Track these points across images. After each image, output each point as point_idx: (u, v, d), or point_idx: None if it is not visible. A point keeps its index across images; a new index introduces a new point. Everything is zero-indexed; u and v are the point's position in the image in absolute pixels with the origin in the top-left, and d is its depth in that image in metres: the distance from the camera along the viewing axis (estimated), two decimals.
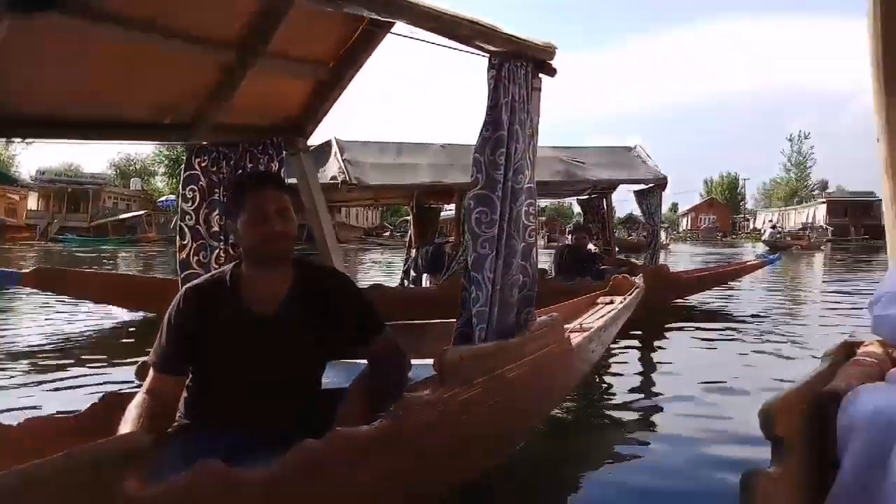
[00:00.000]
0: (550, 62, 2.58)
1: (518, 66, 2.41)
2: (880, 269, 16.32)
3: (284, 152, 3.11)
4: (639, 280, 5.55)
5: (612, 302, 4.91)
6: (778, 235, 40.06)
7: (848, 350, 2.01)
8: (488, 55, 2.35)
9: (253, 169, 2.95)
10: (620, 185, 9.55)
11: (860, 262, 22.34)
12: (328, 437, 1.55)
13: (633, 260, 10.25)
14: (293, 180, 3.19)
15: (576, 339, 3.21)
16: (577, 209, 12.05)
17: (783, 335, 7.06)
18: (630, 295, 5.04)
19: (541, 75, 2.60)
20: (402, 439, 1.83)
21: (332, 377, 2.30)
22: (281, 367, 1.92)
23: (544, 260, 10.83)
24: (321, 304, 1.97)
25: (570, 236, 9.02)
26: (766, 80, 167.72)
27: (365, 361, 2.13)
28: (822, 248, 36.55)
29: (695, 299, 9.57)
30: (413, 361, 2.13)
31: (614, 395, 4.62)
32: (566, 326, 3.56)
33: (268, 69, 2.71)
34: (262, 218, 1.84)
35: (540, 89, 2.61)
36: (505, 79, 2.34)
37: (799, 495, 1.47)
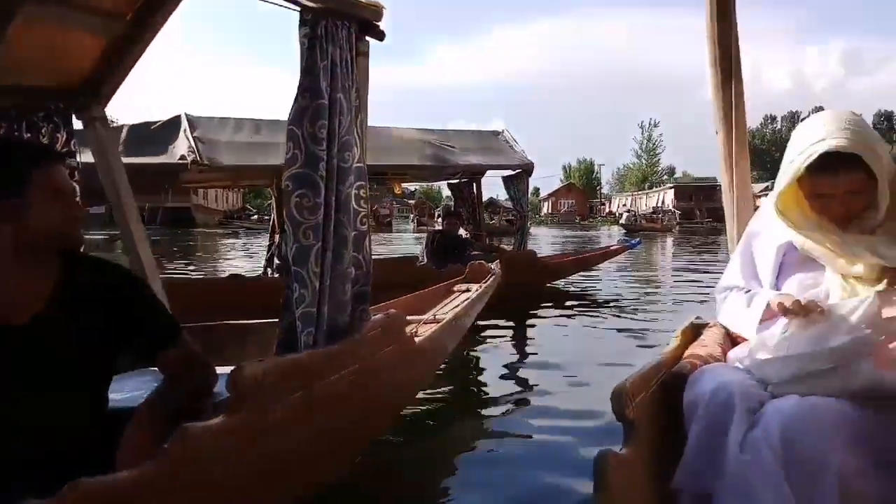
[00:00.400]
0: (378, 23, 2.27)
1: (338, 25, 2.07)
2: (724, 251, 17.53)
3: (77, 121, 2.53)
4: (495, 266, 5.49)
5: (468, 290, 4.80)
6: (634, 219, 42.51)
7: (695, 331, 2.12)
8: (299, 9, 2.00)
9: (32, 140, 2.35)
10: (488, 171, 9.41)
11: (707, 244, 24.03)
12: (61, 494, 1.11)
13: (502, 245, 10.20)
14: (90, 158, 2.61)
15: (426, 332, 3.06)
16: (446, 192, 11.87)
17: (642, 316, 7.41)
18: (486, 282, 4.97)
19: (368, 38, 2.27)
20: (179, 483, 1.40)
21: (132, 390, 2.01)
22: (40, 389, 1.49)
23: (414, 244, 10.54)
24: (97, 308, 1.58)
25: (441, 221, 8.77)
26: (622, 69, 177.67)
27: None
28: (673, 230, 39.14)
29: (562, 283, 9.70)
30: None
31: (476, 384, 4.56)
32: (421, 317, 3.47)
33: (44, 19, 2.14)
34: (60, 196, 1.54)
35: (367, 54, 2.30)
36: (322, 38, 2.00)
37: (650, 473, 1.51)
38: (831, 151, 1.52)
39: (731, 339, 1.94)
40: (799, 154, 1.57)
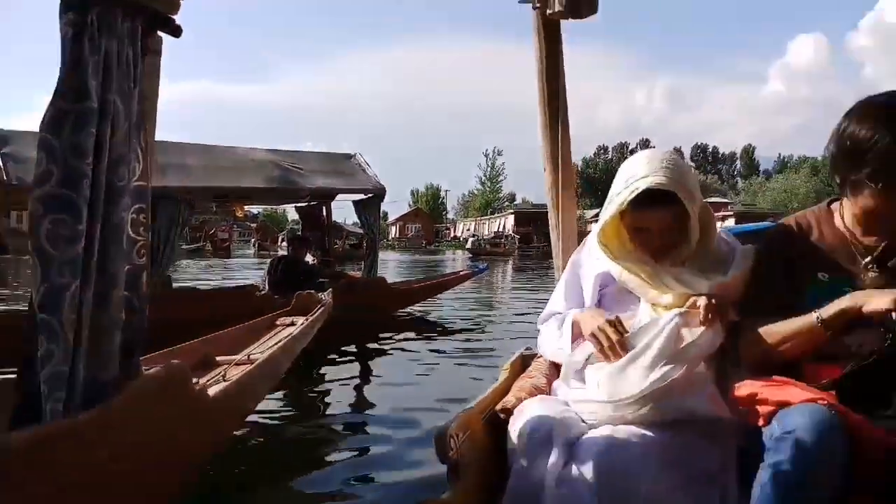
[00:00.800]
0: (173, 16, 1.93)
1: (117, 14, 1.73)
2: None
3: None
4: (326, 296, 5.26)
5: (293, 323, 4.52)
6: (479, 244, 43.89)
7: (524, 362, 2.11)
8: None
9: None
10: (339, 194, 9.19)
11: (544, 269, 25.20)
12: None
13: (351, 272, 9.96)
14: None
15: (236, 375, 2.74)
16: (291, 216, 11.41)
17: (486, 343, 7.48)
18: (314, 314, 4.73)
19: (161, 33, 1.94)
20: None
21: None
22: None
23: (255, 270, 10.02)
24: None
25: (285, 246, 8.38)
26: (470, 96, 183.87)
27: None
28: (513, 254, 40.77)
29: (411, 310, 9.63)
30: None
31: (304, 425, 4.25)
32: (232, 358, 3.16)
33: None
34: None
35: (159, 52, 1.95)
36: (93, 28, 1.66)
37: None
38: (652, 188, 1.61)
39: (557, 369, 1.96)
40: (624, 188, 1.66)
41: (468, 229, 68.11)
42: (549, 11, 2.29)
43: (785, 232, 1.70)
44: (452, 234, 75.59)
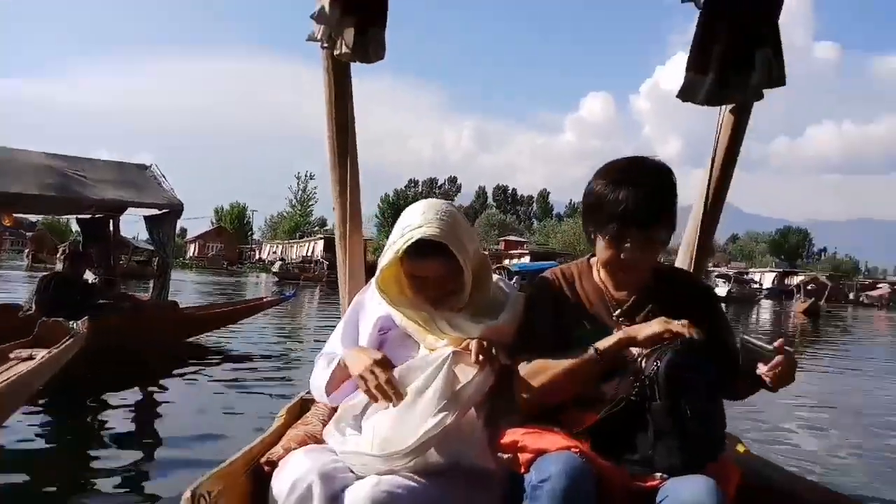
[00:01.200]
0: None
1: None
2: None
3: None
4: (79, 325, 4.65)
5: (31, 357, 3.89)
6: (287, 268, 42.62)
7: (303, 407, 2.01)
8: None
9: None
10: (130, 208, 8.39)
11: None
12: None
13: (139, 295, 9.08)
14: None
15: None
16: (76, 226, 10.28)
17: (282, 377, 7.12)
18: (60, 346, 4.11)
19: None
20: None
21: None
22: None
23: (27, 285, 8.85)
24: None
25: (62, 261, 7.48)
26: (285, 118, 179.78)
27: None
28: (322, 280, 40.01)
29: (205, 337, 9.01)
30: None
31: (38, 471, 3.66)
32: None
33: None
34: None
35: None
36: None
37: None
38: (425, 239, 1.64)
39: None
40: (400, 237, 1.68)
41: (275, 252, 66.03)
42: (336, 52, 2.32)
43: (550, 283, 1.80)
44: (258, 257, 72.81)
